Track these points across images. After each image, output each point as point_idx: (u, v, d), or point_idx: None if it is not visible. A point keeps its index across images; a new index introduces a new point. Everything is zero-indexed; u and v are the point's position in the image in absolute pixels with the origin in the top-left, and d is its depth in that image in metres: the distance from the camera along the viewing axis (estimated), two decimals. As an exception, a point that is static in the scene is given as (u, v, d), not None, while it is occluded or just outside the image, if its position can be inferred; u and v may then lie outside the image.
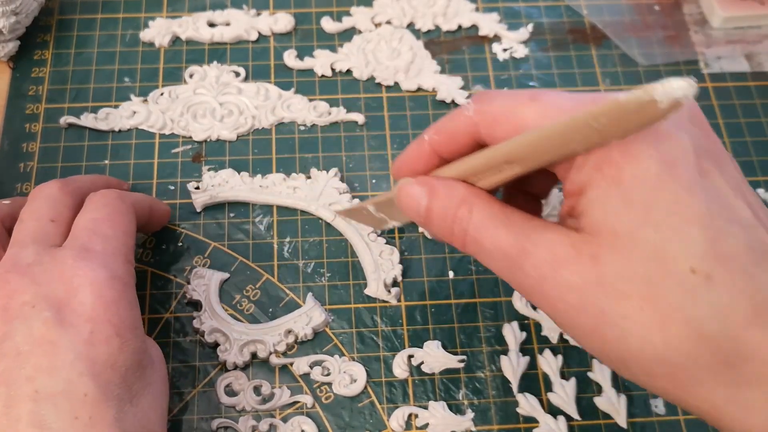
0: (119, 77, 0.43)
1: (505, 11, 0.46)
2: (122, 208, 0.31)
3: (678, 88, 0.17)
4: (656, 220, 0.21)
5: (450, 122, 0.26)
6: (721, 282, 0.20)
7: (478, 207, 0.24)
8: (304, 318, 0.35)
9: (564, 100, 0.23)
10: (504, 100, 0.24)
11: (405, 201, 0.27)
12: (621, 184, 0.21)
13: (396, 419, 0.33)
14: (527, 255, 0.23)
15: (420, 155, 0.27)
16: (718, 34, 0.46)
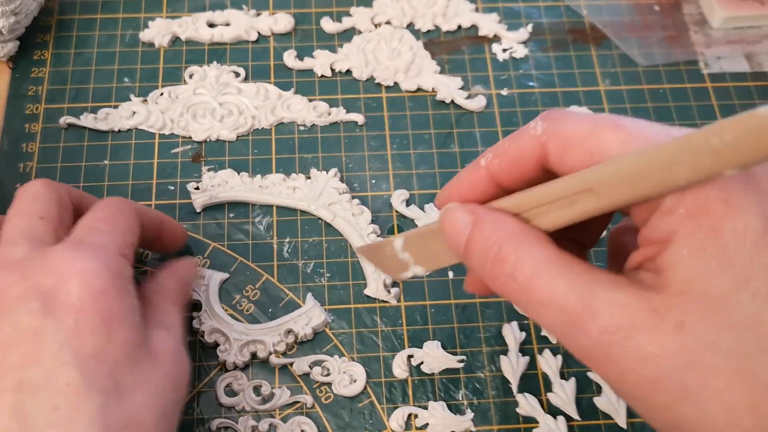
0: (119, 77, 0.43)
1: (505, 11, 0.46)
2: (122, 209, 0.31)
3: None
4: (755, 285, 0.18)
5: (512, 143, 0.23)
6: None
7: (529, 247, 0.21)
8: (303, 318, 0.35)
9: (652, 132, 0.20)
10: (579, 122, 0.21)
11: (448, 229, 0.23)
12: (720, 239, 0.19)
13: (396, 419, 0.33)
14: (594, 316, 0.20)
15: (475, 182, 0.24)
16: (718, 34, 0.46)
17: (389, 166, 0.40)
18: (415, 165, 0.40)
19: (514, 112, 0.42)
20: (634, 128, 0.20)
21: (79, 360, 0.25)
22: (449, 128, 0.42)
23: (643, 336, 0.19)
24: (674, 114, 0.43)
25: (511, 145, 0.23)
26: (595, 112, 0.42)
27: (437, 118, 0.42)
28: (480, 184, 0.24)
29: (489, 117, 0.42)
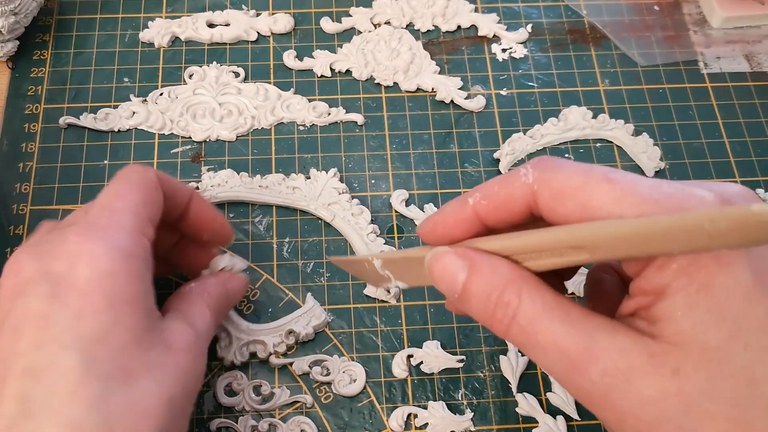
0: (118, 77, 0.43)
1: (505, 11, 0.46)
2: (140, 181, 0.29)
3: None
4: (747, 336, 0.19)
5: (503, 187, 0.23)
6: None
7: (529, 293, 0.22)
8: (304, 318, 0.35)
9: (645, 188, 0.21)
10: (573, 172, 0.22)
11: (439, 273, 0.24)
12: (712, 293, 0.20)
13: (395, 419, 0.33)
14: (594, 360, 0.21)
15: (460, 219, 0.24)
16: (718, 34, 0.46)
17: (389, 166, 0.40)
18: (415, 165, 0.40)
19: (513, 112, 0.42)
20: (626, 183, 0.21)
21: (82, 344, 0.24)
22: (449, 128, 0.42)
23: (642, 380, 0.20)
24: (674, 114, 0.43)
25: (501, 190, 0.23)
26: (595, 112, 0.42)
27: (437, 118, 0.42)
28: (465, 222, 0.24)
29: (488, 117, 0.42)
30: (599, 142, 0.42)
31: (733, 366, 0.19)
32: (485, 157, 0.41)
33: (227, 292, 0.32)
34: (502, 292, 0.22)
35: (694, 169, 0.41)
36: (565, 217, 0.22)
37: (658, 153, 0.41)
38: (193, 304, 0.30)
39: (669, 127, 0.42)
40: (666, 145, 0.42)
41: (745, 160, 0.41)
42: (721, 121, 0.43)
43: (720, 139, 0.42)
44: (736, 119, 0.43)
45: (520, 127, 0.42)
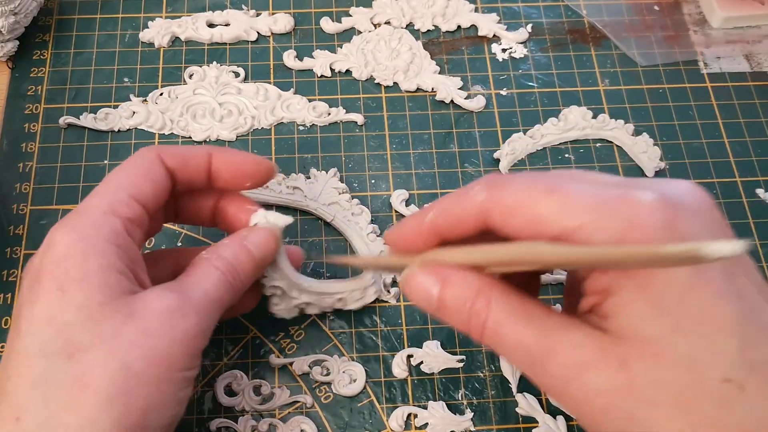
0: (118, 77, 0.43)
1: (504, 11, 0.46)
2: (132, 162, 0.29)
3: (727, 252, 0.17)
4: (686, 327, 0.20)
5: (457, 205, 0.25)
6: (756, 392, 0.20)
7: (496, 300, 0.24)
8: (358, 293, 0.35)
9: (584, 195, 0.22)
10: (519, 188, 0.23)
11: (414, 291, 0.25)
12: (650, 289, 0.21)
13: (395, 419, 0.33)
14: (552, 355, 0.22)
15: (419, 233, 0.26)
16: (718, 34, 0.46)
17: (389, 166, 0.40)
18: (415, 165, 0.40)
19: (513, 112, 0.42)
20: (567, 194, 0.22)
21: (31, 327, 0.25)
22: (449, 128, 0.42)
23: (593, 372, 0.22)
24: (674, 114, 0.43)
25: (455, 207, 0.25)
26: (595, 111, 0.42)
27: (436, 118, 0.42)
28: (424, 235, 0.26)
29: (488, 117, 0.42)
30: (599, 142, 0.42)
31: (675, 355, 0.20)
32: (485, 157, 0.41)
33: (246, 247, 0.30)
34: (473, 302, 0.24)
35: (694, 169, 0.41)
36: (516, 231, 0.23)
37: (658, 153, 0.41)
38: (193, 268, 0.29)
39: (669, 127, 0.42)
40: (666, 145, 0.42)
41: (745, 160, 0.41)
42: (721, 121, 0.43)
43: (720, 139, 0.42)
44: (736, 119, 0.43)
45: (520, 127, 0.42)
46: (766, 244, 0.39)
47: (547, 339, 0.23)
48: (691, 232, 0.21)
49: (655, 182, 0.24)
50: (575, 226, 0.21)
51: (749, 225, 0.39)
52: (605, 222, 0.21)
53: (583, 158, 0.41)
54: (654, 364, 0.21)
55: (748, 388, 0.20)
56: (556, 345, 0.22)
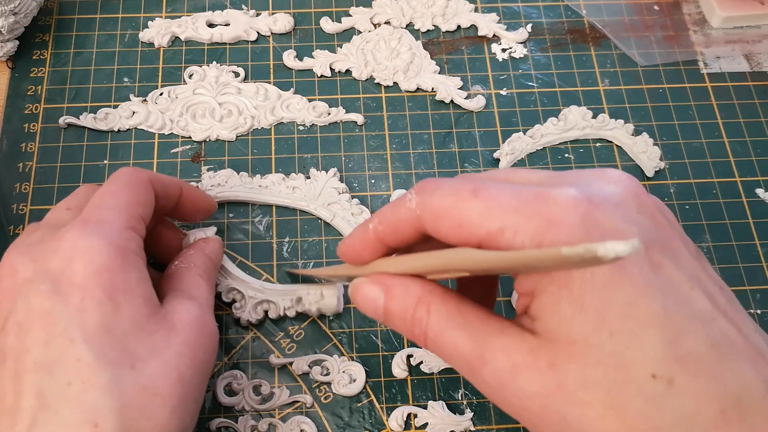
0: (118, 77, 0.43)
1: (504, 11, 0.46)
2: (131, 181, 0.30)
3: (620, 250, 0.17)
4: (611, 324, 0.20)
5: (394, 214, 0.25)
6: (684, 386, 0.20)
7: (435, 306, 0.24)
8: (316, 294, 0.35)
9: (506, 197, 0.22)
10: (445, 194, 0.23)
11: (362, 301, 0.26)
12: (571, 289, 0.21)
13: (395, 419, 0.33)
14: (485, 362, 0.22)
15: (366, 242, 0.27)
16: (718, 33, 0.46)
17: (388, 166, 0.40)
18: (415, 165, 0.40)
19: (513, 111, 0.42)
20: (491, 196, 0.22)
21: (87, 335, 0.25)
22: (448, 128, 0.42)
23: (524, 376, 0.22)
24: (674, 114, 0.43)
25: (392, 216, 0.25)
26: (594, 111, 0.42)
27: (436, 118, 0.42)
28: (370, 245, 0.26)
29: (488, 117, 0.42)
30: (599, 141, 0.42)
31: (601, 354, 0.20)
32: (485, 156, 0.41)
33: (208, 256, 0.33)
34: (414, 310, 0.24)
35: (694, 169, 0.41)
36: (447, 235, 0.23)
37: (658, 153, 0.41)
38: (186, 279, 0.31)
39: (669, 126, 0.42)
40: (666, 145, 0.42)
41: (745, 160, 0.41)
42: (721, 120, 0.43)
43: (720, 138, 0.42)
44: (736, 119, 0.43)
45: (520, 127, 0.42)
46: (766, 244, 0.39)
47: (481, 345, 0.23)
48: (609, 227, 0.21)
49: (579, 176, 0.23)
50: (497, 228, 0.22)
51: (749, 225, 0.39)
52: (524, 223, 0.21)
53: (582, 158, 0.41)
54: (582, 365, 0.21)
55: (676, 382, 0.20)
56: (488, 351, 0.22)
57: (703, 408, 0.20)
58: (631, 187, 0.23)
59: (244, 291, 0.36)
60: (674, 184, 0.41)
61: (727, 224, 0.39)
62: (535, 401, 0.22)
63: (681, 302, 0.21)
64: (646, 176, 0.41)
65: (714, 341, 0.20)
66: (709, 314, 0.21)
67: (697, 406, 0.20)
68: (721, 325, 0.21)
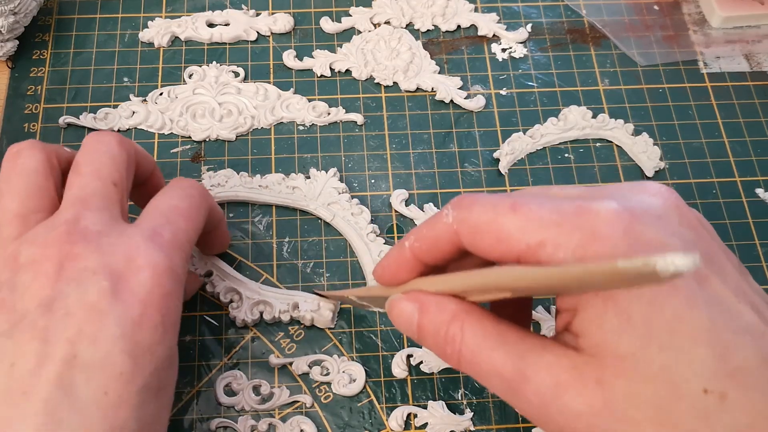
0: (118, 77, 0.43)
1: (504, 11, 0.46)
2: (202, 205, 0.31)
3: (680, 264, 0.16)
4: (659, 338, 0.20)
5: (431, 230, 0.25)
6: (737, 401, 0.19)
7: (470, 325, 0.23)
8: (313, 303, 0.35)
9: (546, 211, 0.22)
10: (483, 208, 0.23)
11: (397, 318, 0.26)
12: (617, 302, 0.20)
13: (395, 419, 0.33)
14: (527, 381, 0.22)
15: (402, 262, 0.26)
16: (717, 33, 0.46)
17: (388, 166, 0.40)
18: (415, 165, 0.40)
19: (513, 111, 0.42)
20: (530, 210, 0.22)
21: (136, 352, 0.25)
22: (448, 128, 0.42)
23: (569, 394, 0.21)
24: (673, 114, 0.43)
25: (429, 232, 0.25)
26: (594, 111, 0.42)
27: (436, 118, 0.42)
28: (407, 264, 0.26)
29: (488, 117, 0.42)
30: (599, 141, 0.42)
31: (650, 369, 0.20)
32: (485, 156, 0.41)
33: None
34: (447, 328, 0.24)
35: (693, 169, 0.41)
36: (485, 250, 0.23)
37: (658, 153, 0.41)
38: None
39: (669, 126, 0.42)
40: (666, 145, 0.42)
41: (744, 160, 0.41)
42: (721, 120, 0.43)
43: (720, 138, 0.42)
44: (736, 119, 0.43)
45: (520, 127, 0.42)
46: (765, 244, 0.39)
47: (522, 363, 0.22)
48: (653, 240, 0.21)
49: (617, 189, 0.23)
50: (537, 242, 0.21)
51: (749, 225, 0.39)
52: (565, 236, 0.21)
53: (582, 158, 0.41)
54: (631, 380, 0.20)
55: (729, 397, 0.19)
56: (530, 368, 0.22)
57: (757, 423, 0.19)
58: (672, 199, 0.23)
59: (242, 291, 0.36)
60: (674, 184, 0.41)
61: (727, 224, 0.39)
62: (581, 420, 0.21)
63: (729, 316, 0.20)
64: (646, 176, 0.41)
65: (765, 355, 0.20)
66: (757, 328, 0.21)
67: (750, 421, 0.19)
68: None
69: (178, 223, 0.29)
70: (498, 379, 0.23)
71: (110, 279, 0.26)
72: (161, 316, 0.26)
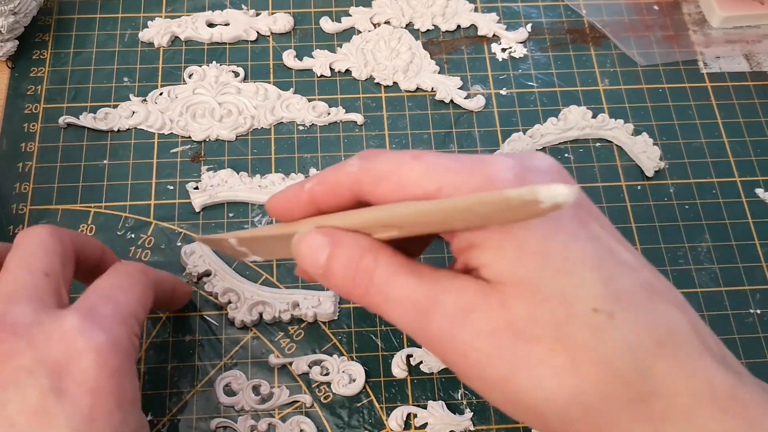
0: (118, 77, 0.43)
1: (504, 11, 0.46)
2: (142, 281, 0.29)
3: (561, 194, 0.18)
4: (554, 264, 0.22)
5: (333, 175, 0.25)
6: (624, 319, 0.21)
7: (385, 256, 0.24)
8: (314, 299, 0.35)
9: (446, 161, 0.23)
10: (388, 158, 0.24)
11: (305, 251, 0.25)
12: (513, 236, 0.22)
13: (395, 419, 0.33)
14: (437, 304, 0.23)
15: (297, 201, 0.26)
16: (717, 33, 0.46)
17: (388, 166, 0.40)
18: (415, 164, 0.40)
19: (513, 111, 0.42)
20: (431, 160, 0.23)
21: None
22: (448, 128, 0.42)
23: (477, 314, 0.22)
24: (673, 113, 0.43)
25: (331, 177, 0.26)
26: (594, 111, 0.42)
27: (436, 118, 0.42)
28: (301, 203, 0.26)
29: (488, 116, 0.42)
30: (599, 141, 0.42)
31: (548, 291, 0.21)
32: (485, 156, 0.41)
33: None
34: (360, 258, 0.24)
35: (693, 169, 0.41)
36: (385, 197, 0.24)
37: (658, 152, 0.41)
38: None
39: (668, 126, 0.42)
40: (666, 145, 0.42)
41: (744, 160, 0.41)
42: (721, 120, 0.43)
43: (719, 138, 0.42)
44: (736, 119, 0.43)
45: (520, 127, 0.42)
46: (766, 244, 0.39)
47: (433, 289, 0.23)
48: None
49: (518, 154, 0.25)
50: (435, 188, 0.22)
51: (749, 225, 0.39)
52: (462, 182, 0.22)
53: (582, 158, 0.41)
54: (531, 302, 0.21)
55: (616, 316, 0.21)
56: (441, 293, 0.23)
57: (641, 338, 0.21)
58: (556, 164, 0.24)
59: (241, 292, 0.36)
60: (674, 184, 0.41)
61: (727, 224, 0.39)
62: (486, 339, 0.22)
63: (610, 252, 0.22)
64: (646, 176, 0.41)
65: (643, 284, 0.22)
66: (634, 264, 0.23)
67: (636, 336, 0.21)
68: (646, 274, 0.23)
69: (117, 298, 0.27)
70: (408, 305, 0.23)
71: (49, 374, 0.24)
72: (115, 399, 0.25)
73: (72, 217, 0.38)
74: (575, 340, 0.21)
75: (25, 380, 0.24)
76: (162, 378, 0.34)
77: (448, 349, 0.23)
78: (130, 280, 0.29)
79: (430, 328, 0.23)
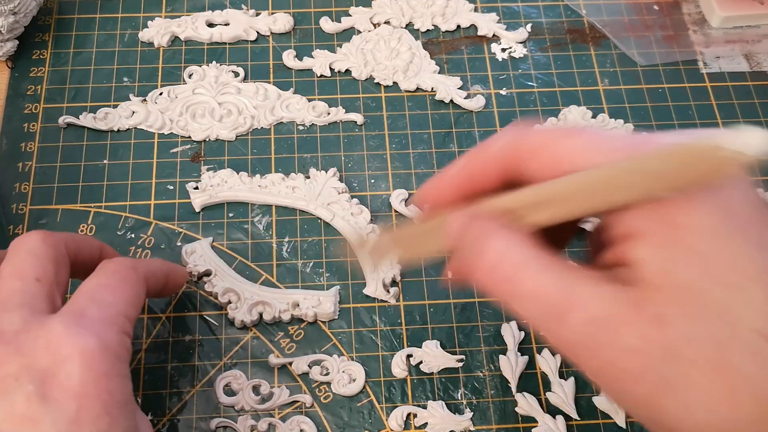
0: (118, 77, 0.43)
1: (504, 11, 0.46)
2: (131, 278, 0.29)
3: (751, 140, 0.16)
4: (718, 273, 0.19)
5: (480, 155, 0.24)
6: None
7: (517, 242, 0.22)
8: (314, 299, 0.35)
9: (604, 138, 0.21)
10: (542, 131, 0.23)
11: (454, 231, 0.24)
12: (683, 231, 0.19)
13: (395, 418, 0.33)
14: (574, 308, 0.20)
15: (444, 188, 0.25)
16: (717, 33, 0.46)
17: (388, 166, 0.40)
18: (414, 165, 0.40)
19: (513, 111, 0.42)
20: (592, 134, 0.21)
21: None
22: (448, 128, 0.42)
23: (624, 328, 0.20)
24: (673, 113, 0.43)
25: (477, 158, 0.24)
26: (594, 111, 0.42)
27: (436, 118, 0.42)
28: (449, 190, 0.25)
29: (488, 116, 0.42)
30: (599, 141, 0.42)
31: (714, 307, 0.19)
32: (485, 156, 0.41)
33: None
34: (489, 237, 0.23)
35: (693, 169, 0.41)
36: (538, 173, 0.22)
37: (658, 153, 0.41)
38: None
39: (669, 126, 0.42)
40: (665, 145, 0.42)
41: (744, 160, 0.41)
42: (721, 120, 0.43)
43: (719, 138, 0.42)
44: (736, 119, 0.43)
45: (515, 129, 0.42)
46: (765, 243, 0.39)
47: (569, 290, 0.21)
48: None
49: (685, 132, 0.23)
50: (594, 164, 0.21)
51: (749, 225, 0.39)
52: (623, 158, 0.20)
53: (582, 158, 0.41)
54: (692, 317, 0.19)
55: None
56: (579, 297, 0.20)
57: None
58: None
59: (241, 292, 0.36)
60: (674, 183, 0.41)
61: (727, 224, 0.39)
62: (633, 358, 0.19)
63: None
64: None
65: None
66: None
67: None
68: None
69: (104, 299, 0.27)
70: (539, 302, 0.21)
71: (35, 381, 0.24)
72: (102, 403, 0.24)
73: (72, 217, 0.38)
74: (734, 365, 0.19)
75: (12, 387, 0.24)
76: (162, 378, 0.34)
77: (583, 357, 0.21)
78: (117, 278, 0.28)
79: (560, 330, 0.21)
